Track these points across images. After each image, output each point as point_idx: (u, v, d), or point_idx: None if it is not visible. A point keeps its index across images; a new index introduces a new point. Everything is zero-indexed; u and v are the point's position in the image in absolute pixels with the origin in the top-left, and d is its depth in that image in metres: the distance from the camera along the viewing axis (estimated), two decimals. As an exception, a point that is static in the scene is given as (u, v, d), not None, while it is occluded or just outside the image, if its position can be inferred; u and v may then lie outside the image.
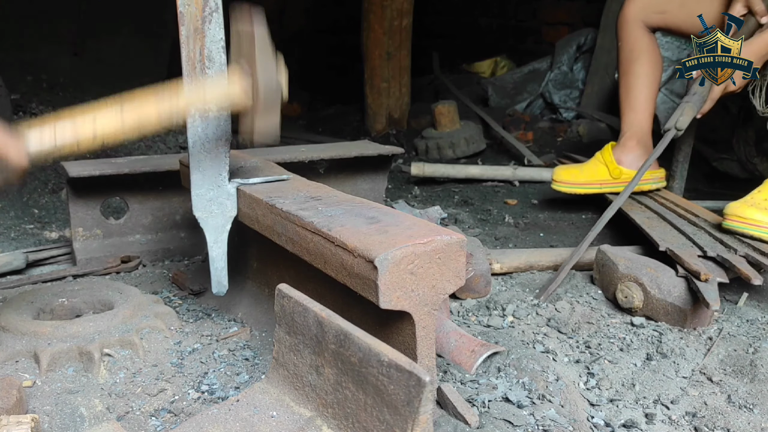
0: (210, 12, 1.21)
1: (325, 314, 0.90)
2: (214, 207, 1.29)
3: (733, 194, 2.52)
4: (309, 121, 4.79)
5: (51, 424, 1.04)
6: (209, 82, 1.22)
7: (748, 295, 1.58)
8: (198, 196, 1.28)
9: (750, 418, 1.11)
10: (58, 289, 1.41)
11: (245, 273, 1.52)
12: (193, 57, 1.21)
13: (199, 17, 1.20)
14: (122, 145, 3.12)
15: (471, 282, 1.55)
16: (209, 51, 1.22)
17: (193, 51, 1.21)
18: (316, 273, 1.12)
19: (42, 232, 2.09)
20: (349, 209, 1.13)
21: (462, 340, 1.21)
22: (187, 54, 1.21)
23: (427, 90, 4.57)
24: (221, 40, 1.22)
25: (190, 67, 1.21)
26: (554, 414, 1.04)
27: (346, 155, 2.01)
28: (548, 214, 2.42)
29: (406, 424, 0.78)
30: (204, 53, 1.22)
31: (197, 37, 1.21)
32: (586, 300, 1.56)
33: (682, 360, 1.29)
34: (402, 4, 3.92)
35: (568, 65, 4.05)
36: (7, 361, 1.17)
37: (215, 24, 1.21)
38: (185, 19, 1.20)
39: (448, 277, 1.00)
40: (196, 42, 1.21)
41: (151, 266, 1.79)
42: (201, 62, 1.22)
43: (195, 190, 1.27)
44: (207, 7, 1.20)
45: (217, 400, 1.11)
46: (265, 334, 1.33)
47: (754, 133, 2.63)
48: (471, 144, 3.52)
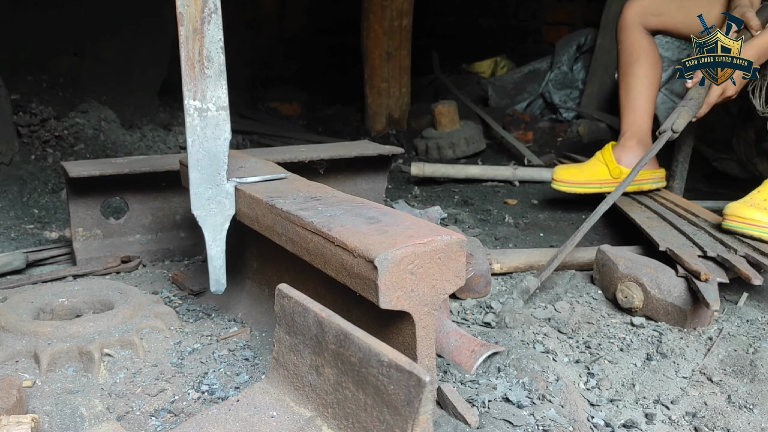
0: (209, 13, 1.21)
1: (325, 314, 0.90)
2: (212, 206, 1.30)
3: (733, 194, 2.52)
4: (309, 121, 4.79)
5: (51, 424, 1.04)
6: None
7: (748, 295, 1.58)
8: (196, 195, 1.28)
9: (750, 418, 1.11)
10: (58, 289, 1.41)
11: (245, 273, 1.52)
12: (192, 57, 1.22)
13: (198, 18, 1.21)
14: (122, 145, 3.12)
15: (471, 282, 1.55)
16: (208, 51, 1.23)
17: (192, 51, 1.22)
18: (316, 273, 1.12)
19: (42, 232, 2.09)
20: (349, 209, 1.13)
21: (462, 340, 1.21)
22: (186, 54, 1.22)
23: (427, 90, 4.58)
24: (220, 40, 1.23)
25: (189, 67, 1.22)
26: (554, 414, 1.04)
27: (346, 155, 2.01)
28: (548, 214, 2.42)
29: (406, 424, 0.78)
30: (203, 53, 1.22)
31: (196, 38, 1.22)
32: (586, 300, 1.56)
33: (682, 360, 1.29)
34: (402, 4, 3.92)
35: (568, 65, 4.05)
36: (7, 361, 1.17)
37: (214, 25, 1.22)
38: (184, 19, 1.21)
39: (448, 277, 1.00)
40: (195, 42, 1.22)
41: (151, 266, 1.79)
42: (200, 62, 1.22)
43: (193, 188, 1.27)
44: (206, 8, 1.21)
45: (217, 400, 1.11)
46: (265, 334, 1.33)
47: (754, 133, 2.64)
48: (471, 144, 3.52)
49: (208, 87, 1.25)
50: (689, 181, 2.37)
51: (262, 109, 5.04)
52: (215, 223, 1.31)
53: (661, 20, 2.13)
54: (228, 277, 1.56)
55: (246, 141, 3.91)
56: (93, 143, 3.04)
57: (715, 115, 2.05)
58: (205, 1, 1.21)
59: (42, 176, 2.67)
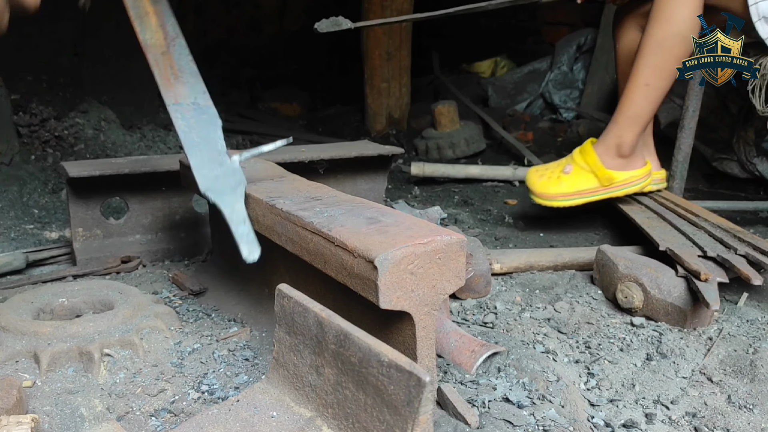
0: (171, 39, 1.32)
1: (325, 314, 0.90)
2: (221, 183, 1.27)
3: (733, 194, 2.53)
4: (309, 122, 4.79)
5: (51, 424, 1.04)
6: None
7: (748, 295, 1.57)
8: (203, 176, 1.26)
9: (750, 418, 1.11)
10: (58, 289, 1.41)
11: (245, 273, 1.52)
12: (166, 73, 1.31)
13: (164, 45, 1.31)
14: (122, 146, 3.12)
15: (471, 282, 1.55)
16: (179, 64, 1.32)
17: (164, 69, 1.31)
18: (316, 273, 1.12)
19: (42, 232, 2.09)
20: (349, 209, 1.13)
21: (462, 340, 1.21)
22: (159, 72, 1.30)
23: (427, 90, 4.58)
24: (188, 54, 1.33)
25: (164, 81, 1.30)
26: (554, 414, 1.04)
27: (346, 155, 2.01)
28: (548, 214, 2.42)
29: (406, 424, 0.78)
30: (175, 67, 1.31)
31: (165, 59, 1.31)
32: (586, 300, 1.56)
33: (682, 360, 1.29)
34: (402, 4, 3.92)
35: (568, 65, 4.05)
36: (7, 361, 1.17)
37: (179, 46, 1.33)
38: (150, 48, 1.30)
39: (448, 277, 1.00)
40: (165, 62, 1.31)
41: (151, 266, 1.79)
42: (174, 74, 1.31)
43: (197, 171, 1.26)
44: (168, 36, 1.33)
45: (217, 400, 1.11)
46: (265, 334, 1.33)
47: (754, 133, 2.64)
48: (471, 144, 3.52)
49: (186, 88, 1.30)
50: (689, 181, 2.37)
51: (262, 109, 5.04)
52: (229, 198, 1.27)
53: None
54: (228, 277, 1.56)
55: (246, 141, 3.91)
56: (93, 143, 3.04)
57: (715, 115, 2.05)
58: (166, 31, 1.30)
59: (42, 176, 2.67)
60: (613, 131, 1.94)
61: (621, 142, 1.93)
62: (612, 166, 1.96)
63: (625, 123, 1.92)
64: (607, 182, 1.95)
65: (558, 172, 2.01)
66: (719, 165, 2.86)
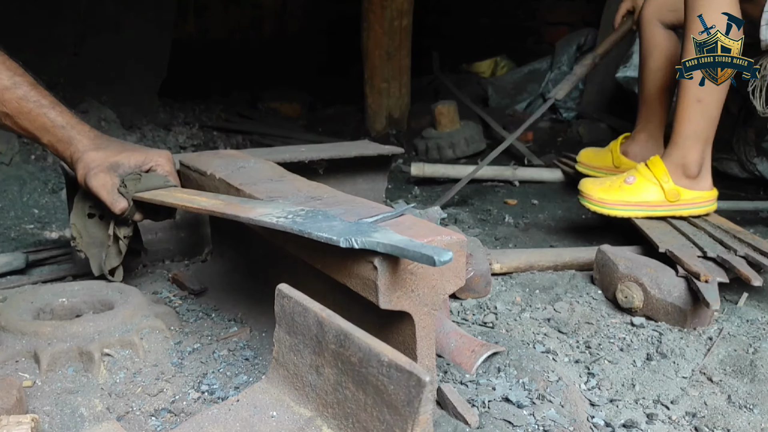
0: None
1: (325, 314, 0.90)
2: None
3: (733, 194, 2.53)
4: (309, 121, 4.79)
5: (51, 424, 1.04)
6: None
7: (748, 295, 1.58)
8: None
9: (750, 418, 1.11)
10: (58, 289, 1.41)
11: (245, 273, 1.52)
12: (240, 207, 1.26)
13: (223, 202, 1.29)
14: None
15: (471, 282, 1.55)
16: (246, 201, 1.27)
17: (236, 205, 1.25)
18: (316, 273, 1.12)
19: (42, 232, 2.09)
20: (349, 209, 1.13)
21: (462, 340, 1.21)
22: (233, 209, 1.25)
23: (427, 90, 4.58)
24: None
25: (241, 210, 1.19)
26: (554, 414, 1.04)
27: (346, 155, 2.01)
28: (548, 214, 2.42)
29: (406, 424, 0.78)
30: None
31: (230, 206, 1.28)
32: (586, 300, 1.56)
33: (682, 360, 1.29)
34: (402, 4, 3.92)
35: (568, 65, 4.05)
36: (7, 361, 1.17)
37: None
38: (211, 209, 1.26)
39: (448, 277, 1.00)
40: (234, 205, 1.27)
41: (151, 266, 1.79)
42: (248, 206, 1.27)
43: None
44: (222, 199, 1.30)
45: (217, 400, 1.11)
46: (265, 334, 1.33)
47: (754, 133, 2.64)
48: (471, 144, 3.52)
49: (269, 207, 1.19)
50: (689, 181, 2.37)
51: (262, 108, 5.04)
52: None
53: (676, 16, 2.16)
54: (228, 276, 1.56)
55: (246, 141, 3.91)
56: (93, 143, 3.03)
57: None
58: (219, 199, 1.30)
59: (42, 176, 2.67)
60: (675, 152, 1.85)
61: (686, 162, 1.84)
62: (680, 184, 1.86)
63: (685, 143, 1.83)
64: (673, 197, 1.84)
65: (620, 182, 1.91)
66: (719, 165, 2.86)
